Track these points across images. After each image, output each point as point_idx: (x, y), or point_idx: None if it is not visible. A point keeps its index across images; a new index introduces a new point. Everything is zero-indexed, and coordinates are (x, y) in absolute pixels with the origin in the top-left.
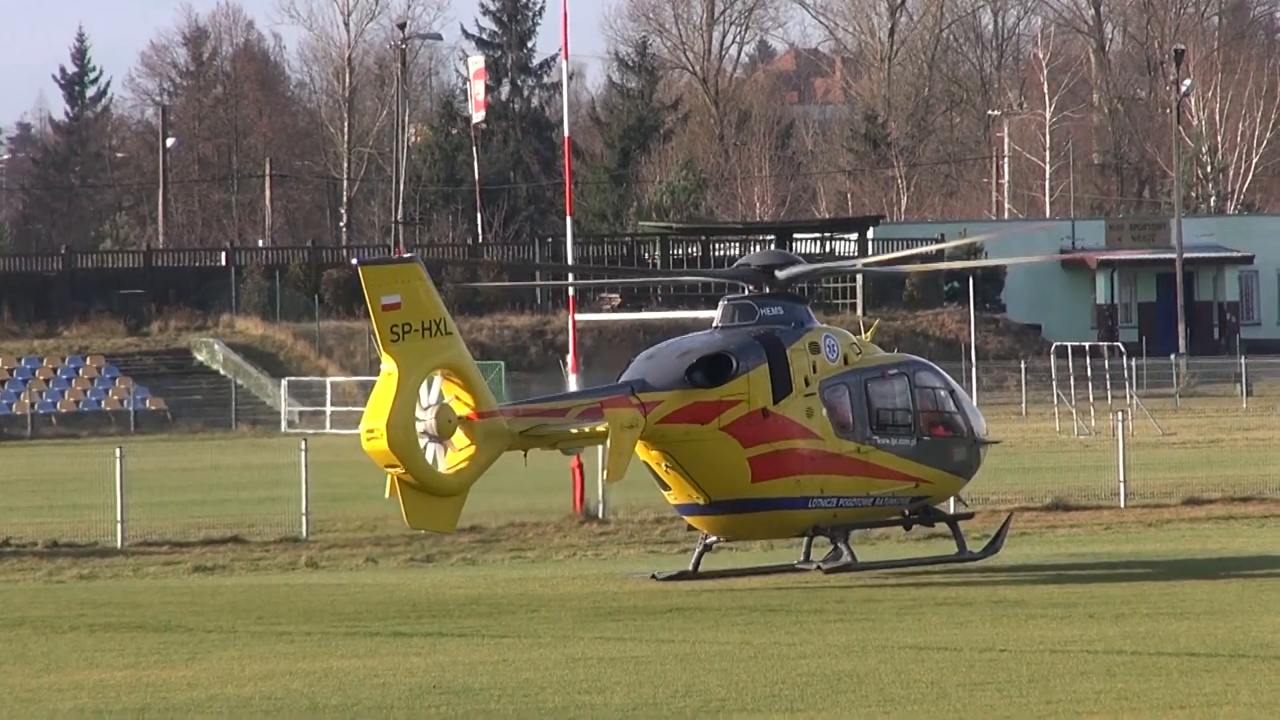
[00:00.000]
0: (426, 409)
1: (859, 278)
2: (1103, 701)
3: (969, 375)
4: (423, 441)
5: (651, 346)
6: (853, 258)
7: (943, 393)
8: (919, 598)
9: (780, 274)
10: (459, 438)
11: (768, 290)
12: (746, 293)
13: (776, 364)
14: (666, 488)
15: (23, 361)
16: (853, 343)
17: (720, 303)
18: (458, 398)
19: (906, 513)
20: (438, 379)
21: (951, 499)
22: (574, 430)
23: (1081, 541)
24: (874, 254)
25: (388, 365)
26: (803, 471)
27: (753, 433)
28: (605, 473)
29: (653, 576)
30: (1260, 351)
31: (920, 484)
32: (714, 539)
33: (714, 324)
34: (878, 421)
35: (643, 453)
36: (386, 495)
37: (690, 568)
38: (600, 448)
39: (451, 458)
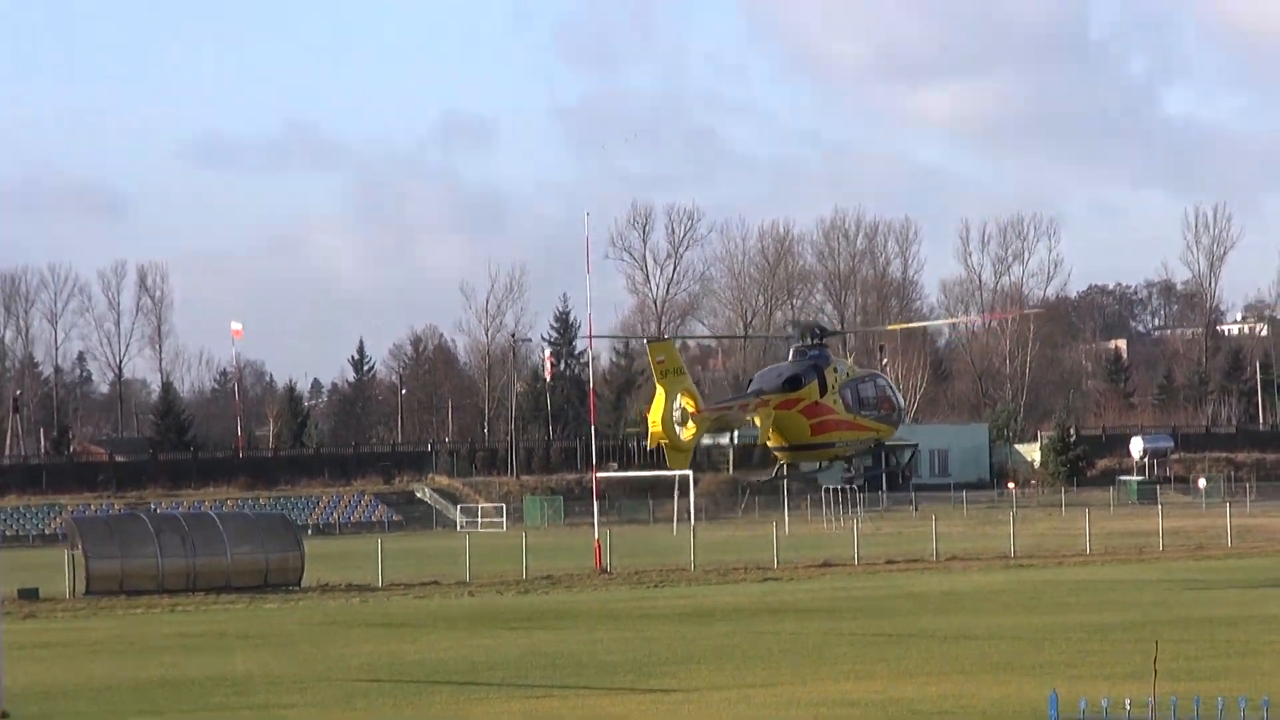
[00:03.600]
0: (676, 409)
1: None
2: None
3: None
4: (675, 425)
5: (759, 371)
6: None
7: (886, 387)
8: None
9: (816, 334)
10: (689, 423)
11: (810, 341)
12: (801, 343)
13: (820, 378)
14: (768, 438)
15: (336, 496)
16: (849, 366)
17: (790, 349)
18: (688, 403)
19: (873, 445)
20: (680, 395)
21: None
22: (738, 416)
23: (844, 578)
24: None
25: (659, 389)
26: (832, 430)
27: (811, 411)
28: (762, 438)
29: (752, 480)
30: (921, 489)
31: (879, 432)
32: (787, 464)
33: (788, 358)
34: (860, 403)
35: (759, 421)
36: (649, 446)
37: (773, 476)
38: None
39: (686, 431)
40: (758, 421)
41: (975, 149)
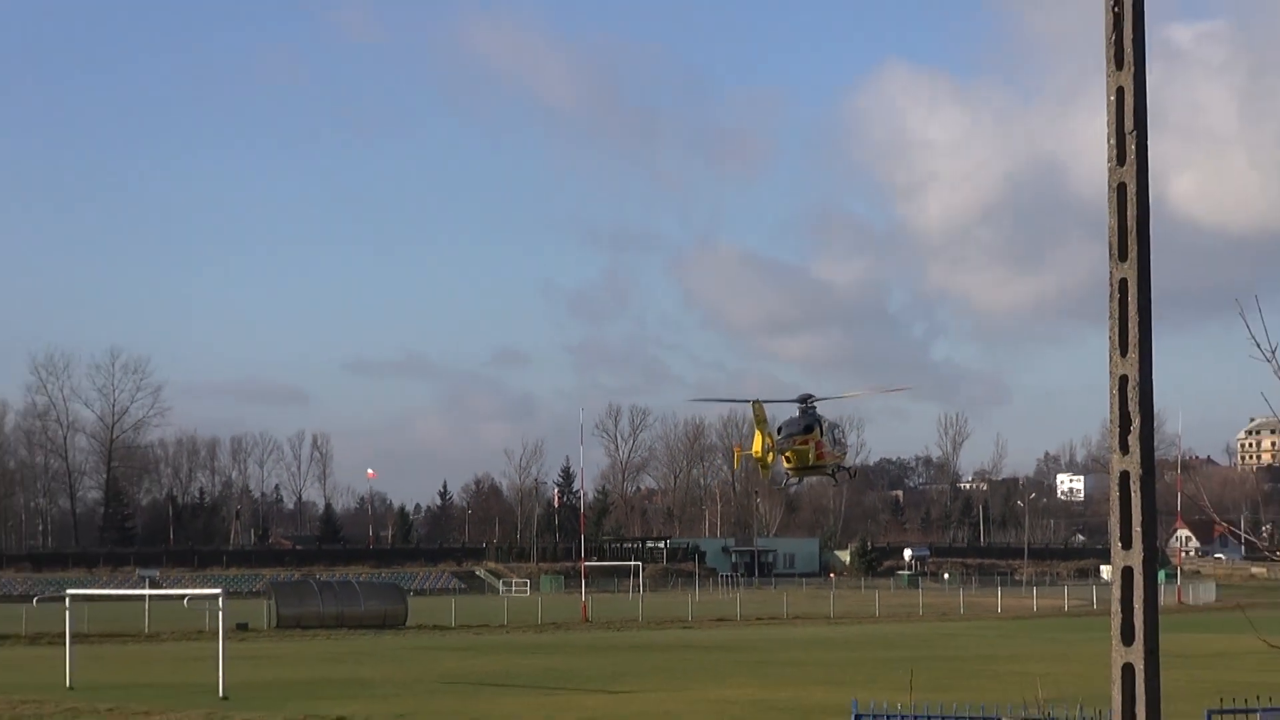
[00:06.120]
0: (763, 442)
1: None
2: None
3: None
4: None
5: (785, 421)
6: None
7: (841, 433)
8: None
9: (810, 401)
10: (769, 453)
11: (806, 405)
12: (802, 407)
13: (820, 426)
14: (789, 462)
15: (427, 573)
16: (823, 417)
17: (796, 409)
18: (769, 440)
19: (836, 466)
20: (765, 435)
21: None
22: (787, 448)
23: (731, 628)
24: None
25: (758, 431)
26: (825, 458)
27: (817, 445)
28: (809, 460)
29: (781, 485)
30: (779, 576)
31: (840, 459)
32: (798, 478)
33: (794, 416)
34: (833, 441)
35: (790, 451)
36: (734, 466)
37: (796, 480)
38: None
39: (769, 456)
40: (789, 455)
41: (816, 376)
